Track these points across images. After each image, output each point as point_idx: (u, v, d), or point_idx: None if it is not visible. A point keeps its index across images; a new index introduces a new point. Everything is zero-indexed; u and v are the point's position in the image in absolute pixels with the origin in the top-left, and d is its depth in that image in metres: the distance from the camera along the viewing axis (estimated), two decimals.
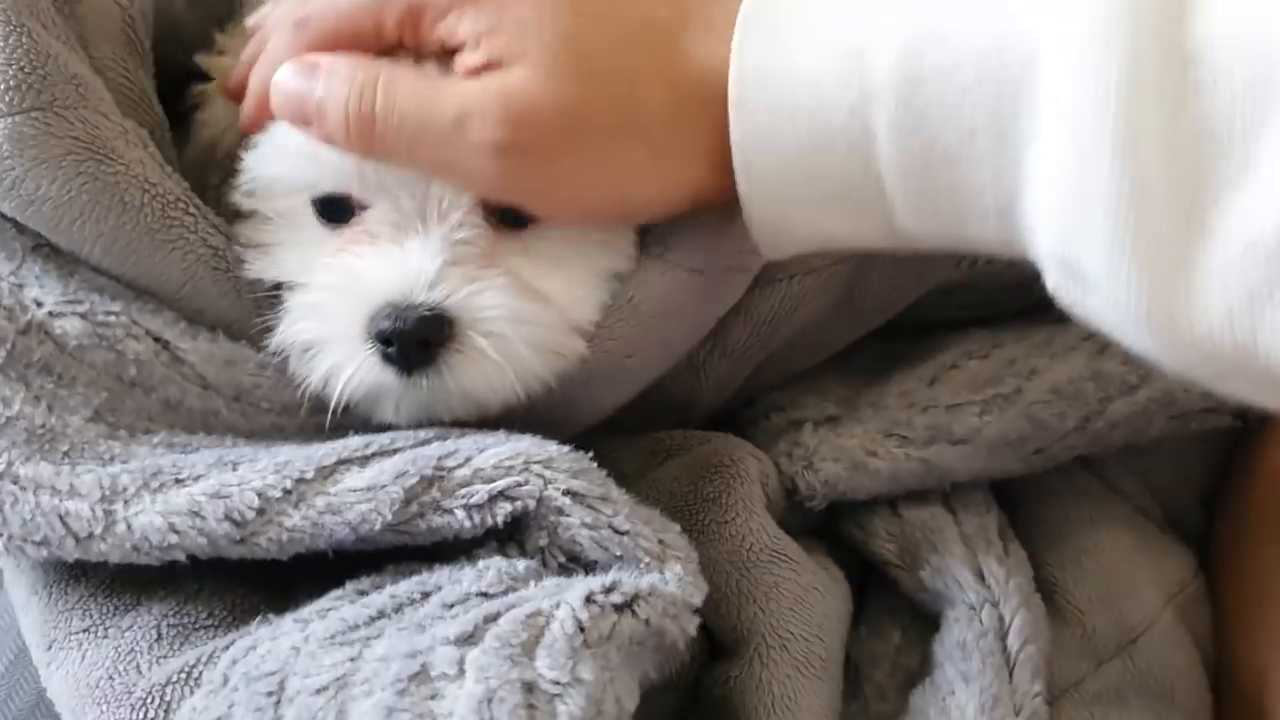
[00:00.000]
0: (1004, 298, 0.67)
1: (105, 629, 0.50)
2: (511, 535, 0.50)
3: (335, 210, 0.54)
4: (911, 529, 0.60)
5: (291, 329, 0.53)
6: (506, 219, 0.53)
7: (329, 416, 0.52)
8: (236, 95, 0.55)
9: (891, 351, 0.67)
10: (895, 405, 0.62)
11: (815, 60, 0.44)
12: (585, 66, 0.47)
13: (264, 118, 0.53)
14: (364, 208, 0.53)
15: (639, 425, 0.62)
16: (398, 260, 0.51)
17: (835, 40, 0.44)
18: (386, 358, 0.51)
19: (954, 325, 0.67)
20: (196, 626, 0.50)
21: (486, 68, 0.47)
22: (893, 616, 0.61)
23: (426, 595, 0.47)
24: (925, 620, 0.60)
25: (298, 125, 0.50)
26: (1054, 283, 0.43)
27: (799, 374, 0.66)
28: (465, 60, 0.48)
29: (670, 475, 0.59)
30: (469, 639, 0.42)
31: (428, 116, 0.48)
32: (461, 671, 0.41)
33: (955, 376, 0.63)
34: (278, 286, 0.54)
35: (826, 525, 0.63)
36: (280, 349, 0.53)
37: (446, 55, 0.49)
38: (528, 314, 0.52)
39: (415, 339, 0.50)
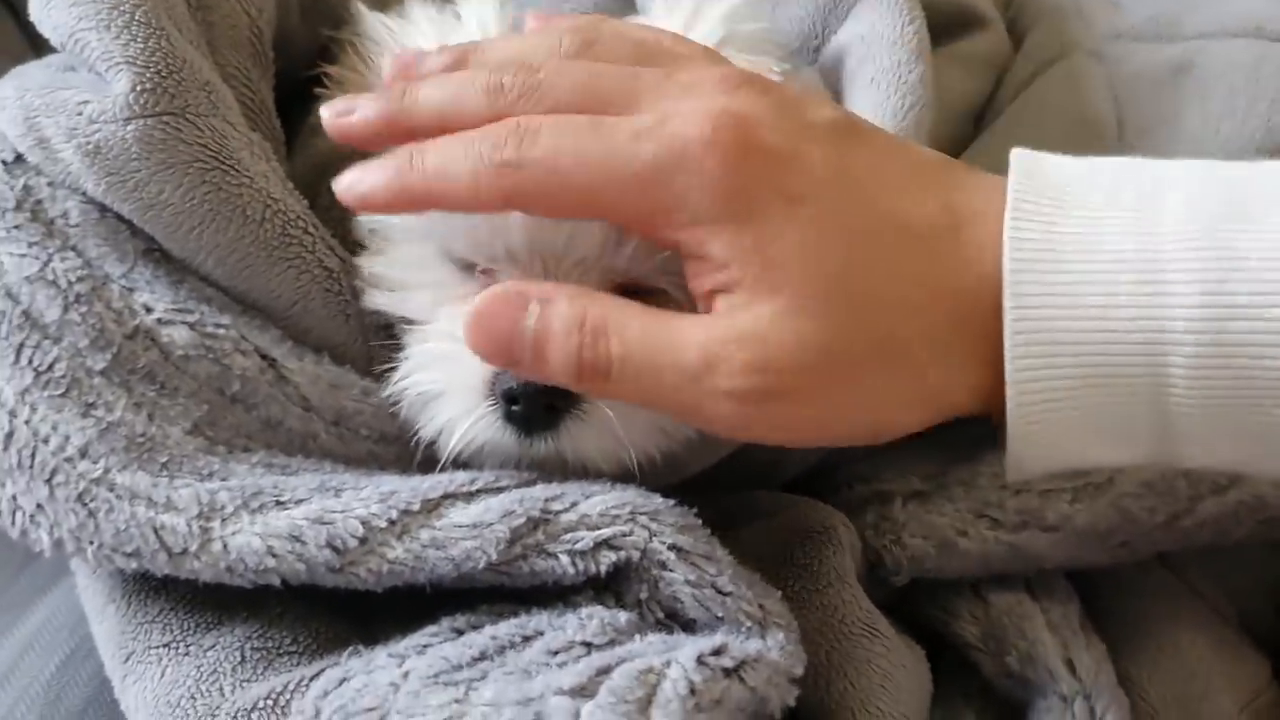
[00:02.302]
0: None
1: (186, 646, 0.49)
2: (608, 585, 0.49)
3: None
4: (997, 613, 0.59)
5: (412, 376, 0.52)
6: (634, 293, 0.52)
7: (438, 467, 0.51)
8: (347, 136, 0.50)
9: (977, 428, 0.66)
10: (987, 486, 0.61)
11: (1104, 291, 0.41)
12: (853, 306, 0.43)
13: (386, 210, 0.49)
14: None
15: (721, 484, 0.61)
16: None
17: (1122, 263, 0.41)
18: (509, 416, 0.50)
19: None
20: (281, 652, 0.49)
21: (723, 292, 0.44)
22: (967, 700, 0.60)
23: (528, 639, 0.46)
24: (1000, 705, 0.59)
25: (497, 362, 0.47)
26: None
27: (882, 445, 0.65)
28: (704, 278, 0.44)
29: (757, 537, 0.58)
30: (583, 691, 0.41)
31: (668, 363, 0.44)
32: None
33: None
34: (392, 328, 0.54)
35: (901, 602, 0.62)
36: (397, 395, 0.52)
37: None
38: None
39: (543, 401, 0.49)
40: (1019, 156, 0.46)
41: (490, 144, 0.44)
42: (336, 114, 0.49)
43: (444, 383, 0.51)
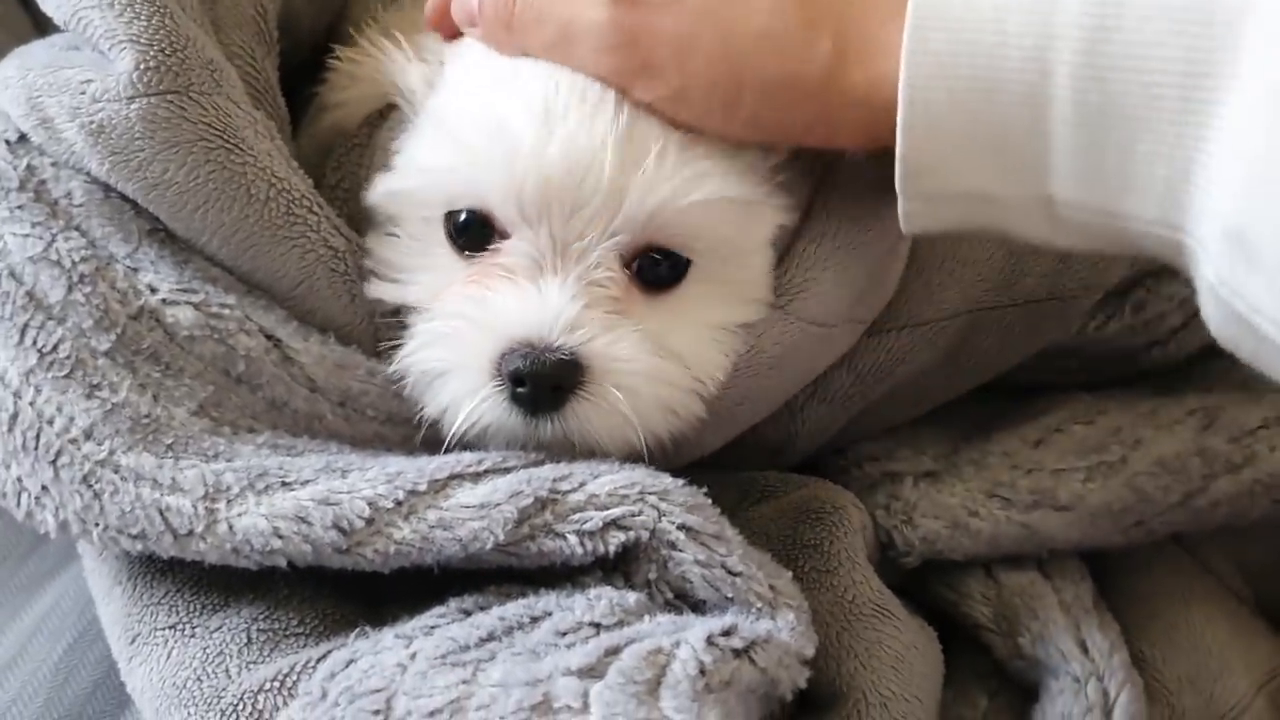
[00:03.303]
0: (1107, 365, 0.66)
1: (193, 628, 0.49)
2: (618, 565, 0.49)
3: (470, 236, 0.52)
4: (1009, 593, 0.58)
5: (417, 355, 0.52)
6: (647, 279, 0.52)
7: (443, 447, 0.51)
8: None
9: (987, 409, 0.65)
10: (998, 465, 0.60)
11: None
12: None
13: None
14: (504, 236, 0.52)
15: (728, 463, 0.60)
16: (535, 298, 0.50)
17: None
18: (515, 397, 0.50)
19: (1050, 388, 0.65)
20: (287, 633, 0.48)
21: None
22: (980, 681, 0.59)
23: (536, 620, 0.45)
24: (1013, 687, 0.58)
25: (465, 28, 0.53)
26: (1215, 264, 0.40)
27: (893, 425, 0.64)
28: None
29: (765, 517, 0.58)
30: (591, 672, 0.41)
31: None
32: (586, 706, 0.40)
33: (1060, 440, 0.61)
34: (398, 308, 0.53)
35: (912, 583, 0.61)
36: (402, 372, 0.52)
37: None
38: (661, 372, 0.51)
39: (549, 383, 0.49)
40: None
41: None
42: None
43: (449, 361, 0.51)
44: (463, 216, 0.51)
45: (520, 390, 0.49)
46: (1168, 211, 0.41)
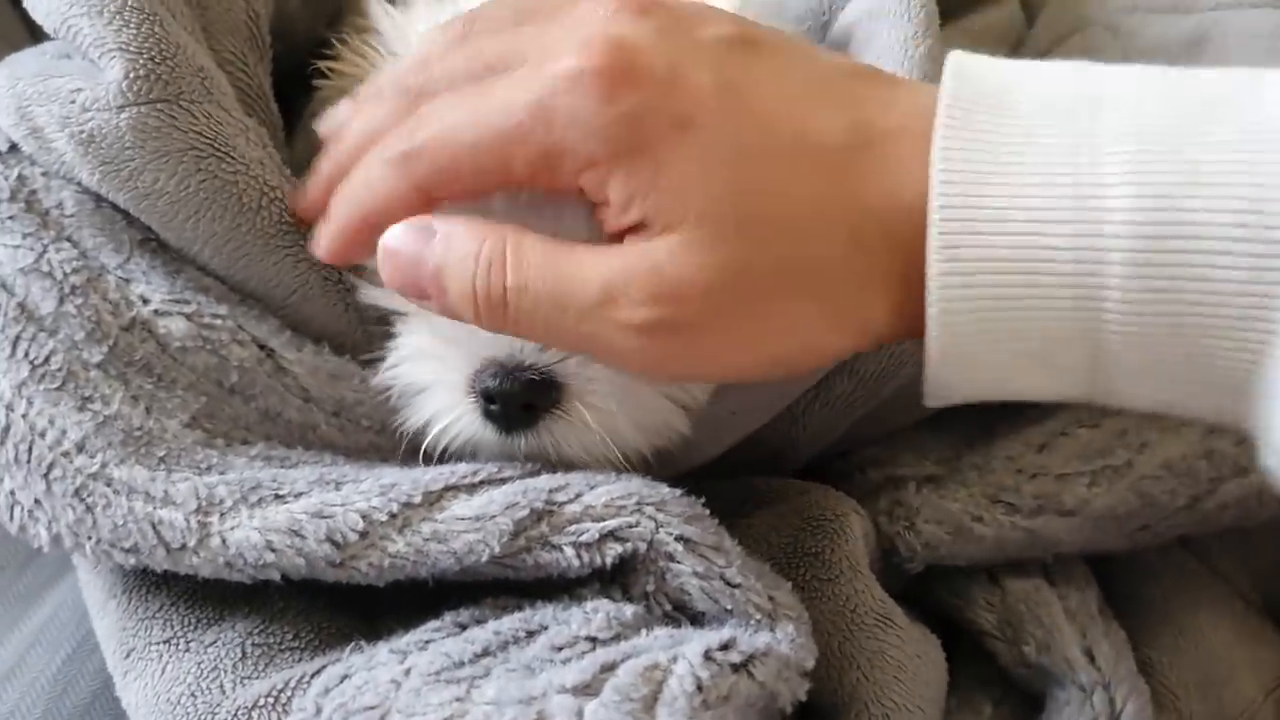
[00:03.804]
0: None
1: (187, 642, 0.48)
2: (615, 577, 0.48)
3: None
4: (1013, 600, 0.58)
5: (397, 369, 0.51)
6: None
7: (421, 458, 0.50)
8: (308, 218, 0.50)
9: (990, 412, 0.65)
10: (1002, 470, 0.60)
11: (1033, 206, 0.39)
12: (750, 231, 0.41)
13: (350, 255, 0.48)
14: None
15: (727, 470, 0.60)
16: None
17: (1057, 179, 0.39)
18: (488, 414, 0.49)
19: None
20: (282, 648, 0.48)
21: (633, 230, 0.42)
22: (984, 689, 0.58)
23: (532, 634, 0.45)
24: (1018, 694, 0.58)
25: (411, 297, 0.45)
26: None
27: (896, 429, 0.64)
28: (611, 222, 0.43)
29: (766, 524, 0.57)
30: (587, 689, 0.40)
31: (568, 295, 0.42)
32: None
33: (1065, 444, 0.60)
34: (386, 314, 0.53)
35: (914, 589, 0.61)
36: (384, 385, 0.52)
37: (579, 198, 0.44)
38: (637, 393, 0.50)
39: (519, 401, 0.49)
40: (953, 59, 0.42)
41: (392, 143, 0.45)
42: (302, 216, 0.51)
43: (427, 378, 0.51)
44: None
45: (492, 408, 0.49)
46: (1234, 406, 0.39)
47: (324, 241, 0.48)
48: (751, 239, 0.41)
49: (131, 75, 0.48)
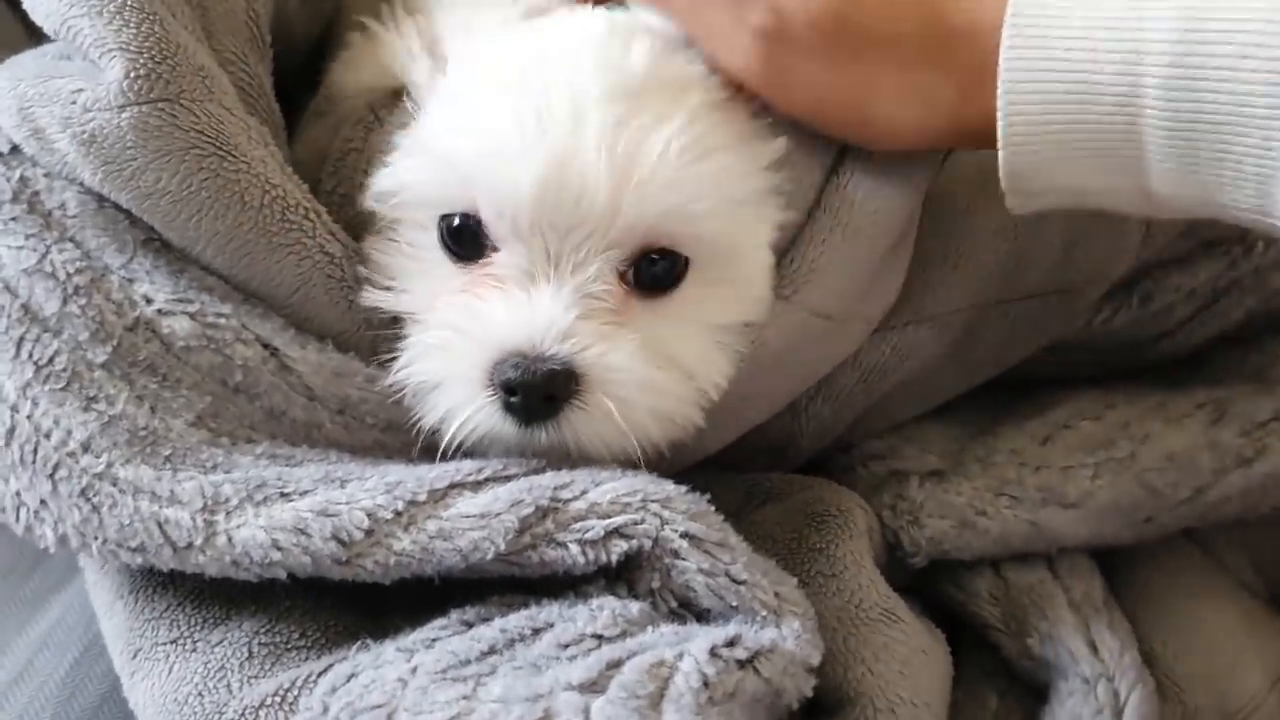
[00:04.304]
0: (1115, 358, 0.65)
1: (194, 642, 0.48)
2: (620, 574, 0.48)
3: (464, 243, 0.52)
4: (1017, 592, 0.58)
5: (411, 366, 0.51)
6: (645, 282, 0.51)
7: (439, 455, 0.50)
8: None
9: (994, 404, 0.65)
10: (1005, 463, 0.60)
11: (1091, 9, 0.44)
12: None
13: None
14: (494, 249, 0.51)
15: (731, 464, 0.60)
16: (527, 308, 0.49)
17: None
18: (508, 407, 0.49)
19: (1058, 381, 0.65)
20: (289, 647, 0.48)
21: None
22: (990, 681, 0.59)
23: (538, 632, 0.45)
24: (1023, 686, 0.58)
25: None
26: None
27: (899, 422, 0.64)
28: None
29: (769, 519, 0.57)
30: (593, 686, 0.40)
31: None
32: None
33: (1068, 437, 0.61)
34: (394, 317, 0.53)
35: (920, 582, 0.61)
36: (398, 384, 0.51)
37: None
38: (657, 382, 0.50)
39: (541, 392, 0.48)
40: None
41: None
42: None
43: (443, 373, 0.50)
44: (456, 221, 0.51)
45: (513, 400, 0.48)
46: (1264, 204, 0.43)
47: None
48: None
49: (132, 75, 0.48)
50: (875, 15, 0.49)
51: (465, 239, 0.51)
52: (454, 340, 0.50)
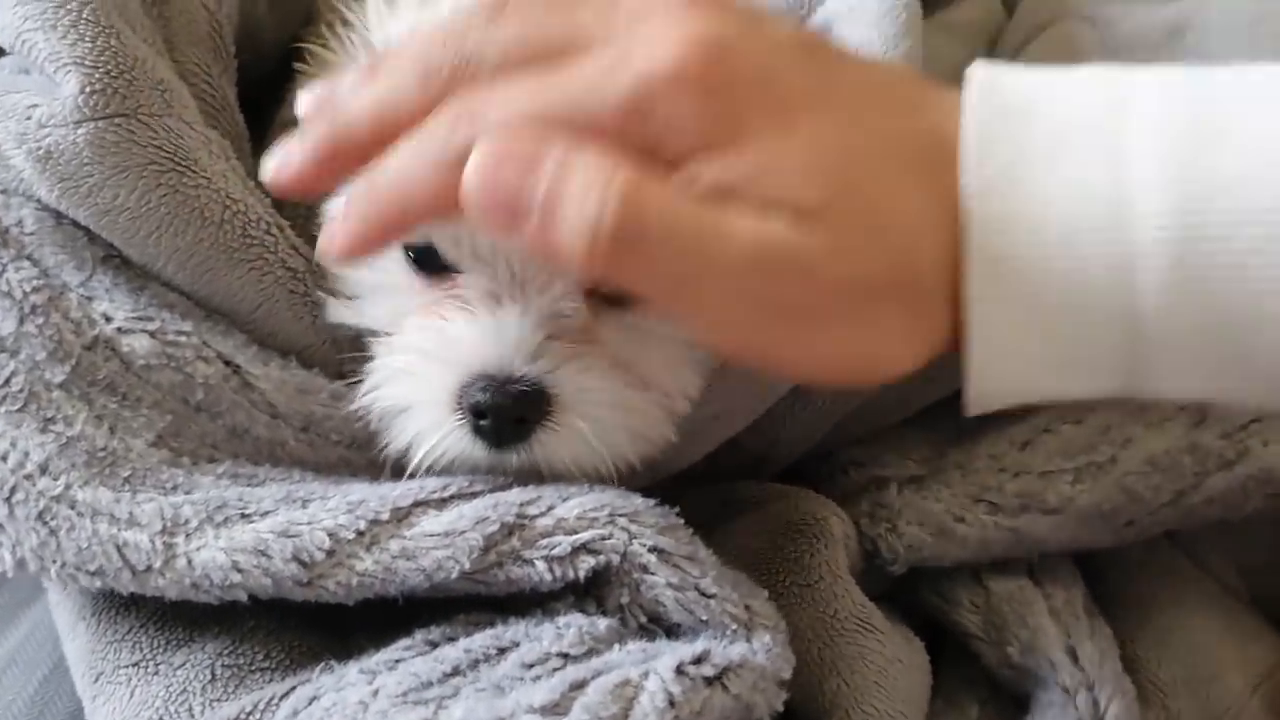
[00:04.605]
0: None
1: (156, 665, 0.48)
2: (589, 590, 0.47)
3: (428, 261, 0.51)
4: (997, 600, 0.57)
5: (378, 391, 0.50)
6: (612, 295, 0.50)
7: (405, 477, 0.49)
8: (286, 187, 0.43)
9: None
10: (984, 469, 0.59)
11: (1064, 206, 0.39)
12: (871, 227, 0.39)
13: (373, 242, 0.42)
14: (458, 271, 0.50)
15: (708, 474, 0.59)
16: (494, 329, 0.48)
17: (1087, 179, 0.39)
18: (478, 430, 0.48)
19: None
20: (252, 669, 0.47)
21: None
22: (970, 689, 0.58)
23: (503, 651, 0.44)
24: (1005, 695, 0.57)
25: (498, 223, 0.39)
26: None
27: (879, 428, 0.63)
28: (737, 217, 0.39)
29: (745, 530, 0.57)
30: (555, 708, 0.40)
31: (711, 255, 0.38)
32: None
33: (1048, 441, 0.60)
34: (359, 335, 0.52)
35: (898, 590, 0.60)
36: (363, 409, 0.51)
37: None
38: (628, 399, 0.50)
39: (512, 415, 0.48)
40: (976, 69, 0.42)
41: (440, 137, 0.39)
42: (276, 172, 0.43)
43: (410, 397, 0.49)
44: (419, 243, 0.50)
45: (483, 423, 0.48)
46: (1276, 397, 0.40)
47: (347, 241, 0.41)
48: (872, 235, 0.39)
49: (88, 90, 0.47)
50: (892, 256, 0.40)
51: (430, 257, 0.50)
52: (420, 364, 0.49)
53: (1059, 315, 0.39)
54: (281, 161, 0.42)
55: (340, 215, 0.41)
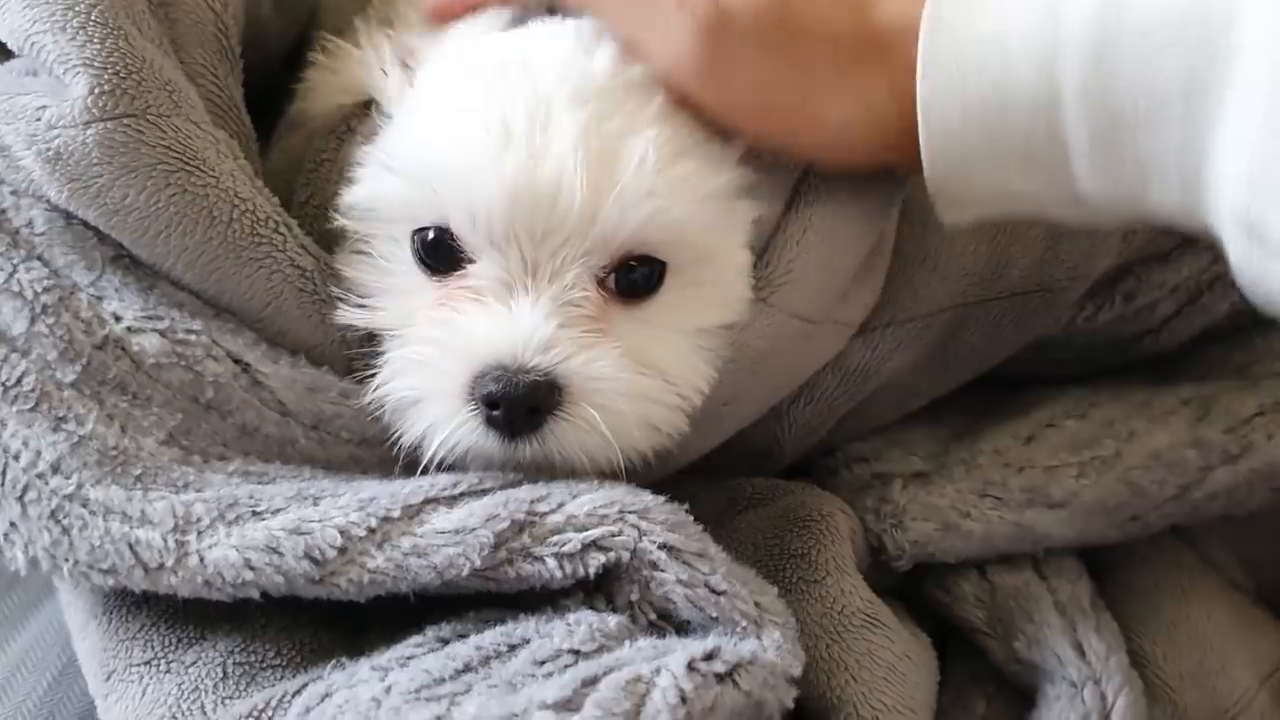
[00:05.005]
0: (1098, 355, 0.65)
1: (168, 663, 0.48)
2: (599, 587, 0.47)
3: (439, 256, 0.51)
4: (1003, 595, 0.57)
5: (390, 383, 0.50)
6: (623, 289, 0.51)
7: (418, 470, 0.49)
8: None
9: (977, 404, 0.64)
10: (989, 464, 0.59)
11: (1005, 14, 0.44)
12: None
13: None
14: (470, 261, 0.50)
15: (714, 470, 0.59)
16: (506, 320, 0.48)
17: None
18: (490, 421, 0.48)
19: (1042, 380, 0.64)
20: (264, 666, 0.47)
21: None
22: (976, 684, 0.58)
23: (514, 648, 0.44)
24: (1011, 689, 0.57)
25: None
26: (1236, 252, 0.42)
27: (883, 424, 0.63)
28: None
29: (752, 525, 0.57)
30: (568, 705, 0.40)
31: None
32: None
33: (1052, 436, 0.60)
34: (369, 334, 0.52)
35: (905, 585, 0.60)
36: (376, 401, 0.51)
37: None
38: (641, 389, 0.50)
39: (524, 405, 0.48)
40: None
41: None
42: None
43: (422, 389, 0.49)
44: (430, 235, 0.50)
45: (495, 414, 0.48)
46: (1188, 205, 0.43)
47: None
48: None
49: (96, 90, 0.47)
50: (812, 6, 0.48)
51: (440, 252, 0.50)
52: (432, 355, 0.49)
53: (995, 110, 0.44)
54: None
55: None
